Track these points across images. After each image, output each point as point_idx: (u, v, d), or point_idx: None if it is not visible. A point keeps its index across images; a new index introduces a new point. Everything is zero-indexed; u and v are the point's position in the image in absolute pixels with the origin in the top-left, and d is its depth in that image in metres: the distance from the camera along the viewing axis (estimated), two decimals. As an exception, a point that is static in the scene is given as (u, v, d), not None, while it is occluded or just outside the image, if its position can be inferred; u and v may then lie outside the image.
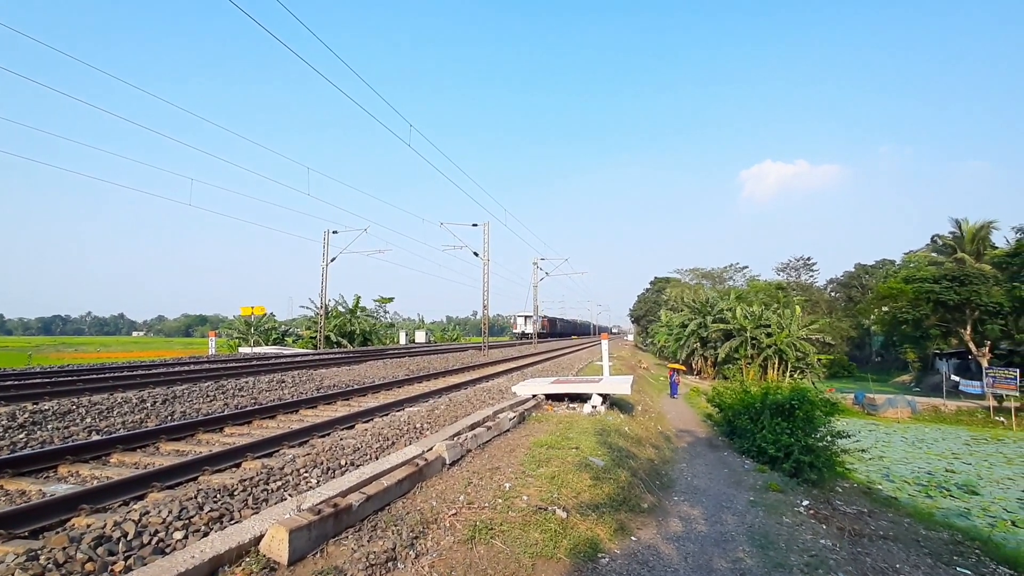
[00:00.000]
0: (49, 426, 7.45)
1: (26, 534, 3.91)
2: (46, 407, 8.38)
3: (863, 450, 16.03)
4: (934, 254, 52.09)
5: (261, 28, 10.97)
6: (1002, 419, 30.19)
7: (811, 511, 7.79)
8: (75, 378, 12.00)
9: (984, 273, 38.72)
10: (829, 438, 12.02)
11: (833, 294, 71.01)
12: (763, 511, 7.34)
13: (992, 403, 31.59)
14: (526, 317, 60.80)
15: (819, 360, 37.99)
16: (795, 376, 34.19)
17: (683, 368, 34.19)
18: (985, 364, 36.33)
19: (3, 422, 7.34)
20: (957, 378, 37.73)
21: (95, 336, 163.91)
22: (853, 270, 70.25)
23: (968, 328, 39.20)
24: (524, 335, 60.24)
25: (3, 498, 4.86)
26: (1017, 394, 30.30)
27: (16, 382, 10.97)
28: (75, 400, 9.13)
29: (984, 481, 18.09)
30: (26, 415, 7.79)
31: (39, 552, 3.37)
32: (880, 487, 15.20)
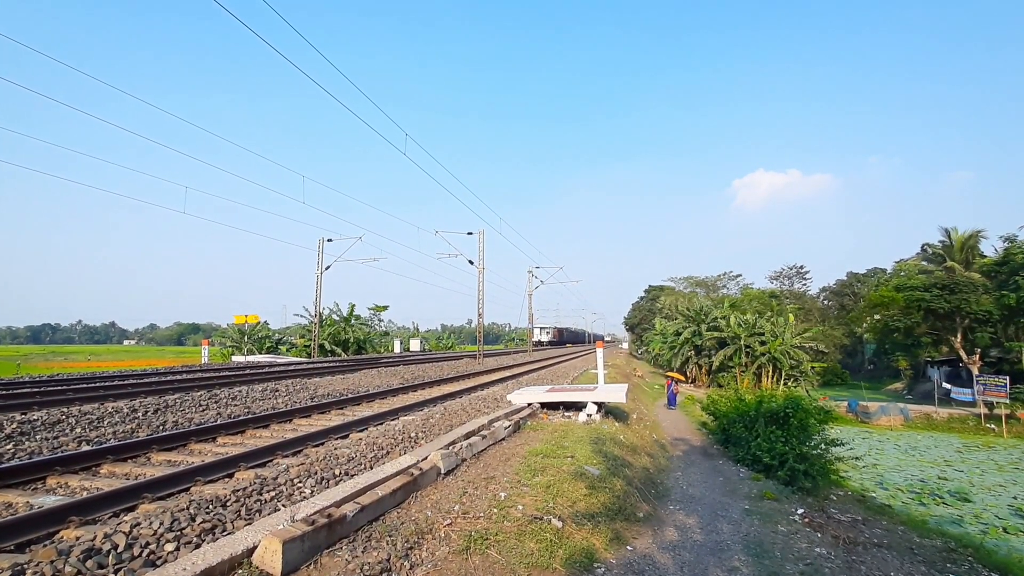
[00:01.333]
0: (38, 436, 7.35)
1: (12, 548, 3.84)
2: (35, 417, 8.27)
3: (857, 458, 16.10)
4: (924, 263, 52.75)
5: (258, 38, 11.02)
6: (993, 426, 30.42)
7: (806, 519, 7.80)
8: (65, 387, 11.85)
9: (973, 281, 39.19)
10: (823, 446, 12.07)
11: (826, 302, 71.59)
12: (758, 520, 7.35)
13: (983, 410, 31.83)
14: (542, 328, 73.02)
15: (812, 368, 38.16)
16: (789, 384, 34.33)
17: (681, 377, 32.80)
18: (976, 372, 36.67)
19: (-9, 432, 7.23)
20: (948, 386, 38.02)
21: (86, 345, 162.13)
22: (845, 278, 70.88)
23: (959, 336, 39.60)
24: (540, 343, 70.56)
25: (-10, 510, 4.78)
26: (1007, 401, 30.54)
27: (3, 392, 10.82)
28: (65, 410, 9.01)
29: (976, 488, 18.20)
30: (14, 425, 7.68)
31: (25, 566, 3.31)
32: (874, 495, 15.25)
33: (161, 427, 8.45)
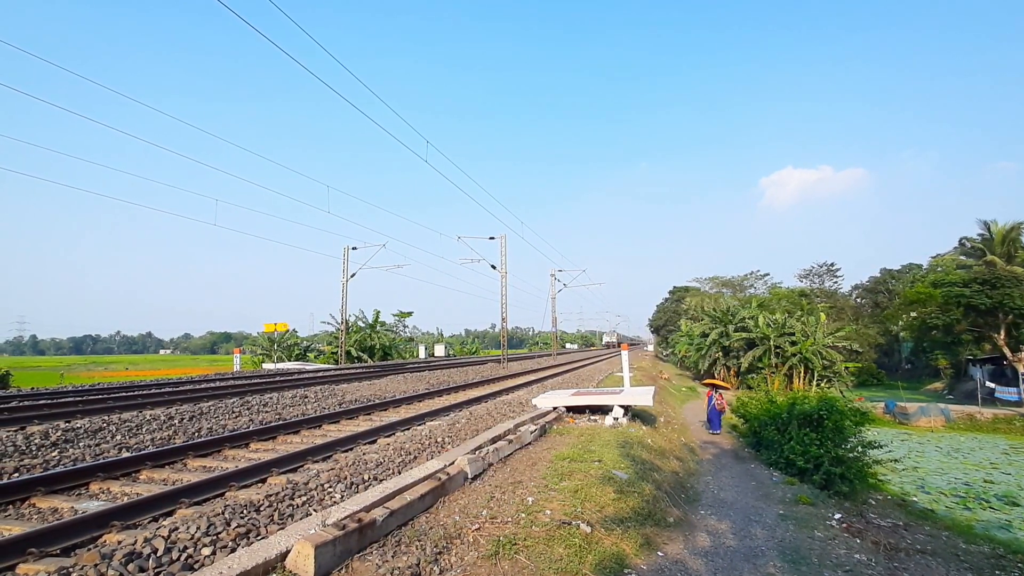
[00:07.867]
0: (81, 444, 7.62)
1: (58, 552, 3.98)
2: (78, 425, 8.59)
3: (896, 461, 15.54)
4: (962, 257, 50.77)
5: (283, 52, 11.29)
6: (1043, 427, 28.97)
7: (844, 524, 7.57)
8: (105, 396, 12.28)
9: (1017, 276, 37.52)
10: (860, 448, 11.67)
11: (859, 300, 69.35)
12: (794, 525, 7.16)
13: (1031, 410, 30.38)
14: (608, 335, 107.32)
15: (846, 368, 36.98)
16: (822, 385, 33.37)
17: (726, 385, 25.11)
18: (1022, 370, 35.03)
19: (36, 440, 7.54)
20: (992, 385, 36.39)
21: (124, 355, 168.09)
22: (879, 275, 68.62)
23: (1002, 333, 37.94)
24: (608, 345, 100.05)
25: (36, 516, 4.97)
26: (1058, 400, 29.11)
27: (49, 401, 11.29)
28: (106, 418, 9.34)
29: (1026, 492, 17.35)
30: (59, 433, 7.99)
31: (71, 570, 3.43)
32: (915, 499, 14.68)
33: (196, 434, 8.68)
